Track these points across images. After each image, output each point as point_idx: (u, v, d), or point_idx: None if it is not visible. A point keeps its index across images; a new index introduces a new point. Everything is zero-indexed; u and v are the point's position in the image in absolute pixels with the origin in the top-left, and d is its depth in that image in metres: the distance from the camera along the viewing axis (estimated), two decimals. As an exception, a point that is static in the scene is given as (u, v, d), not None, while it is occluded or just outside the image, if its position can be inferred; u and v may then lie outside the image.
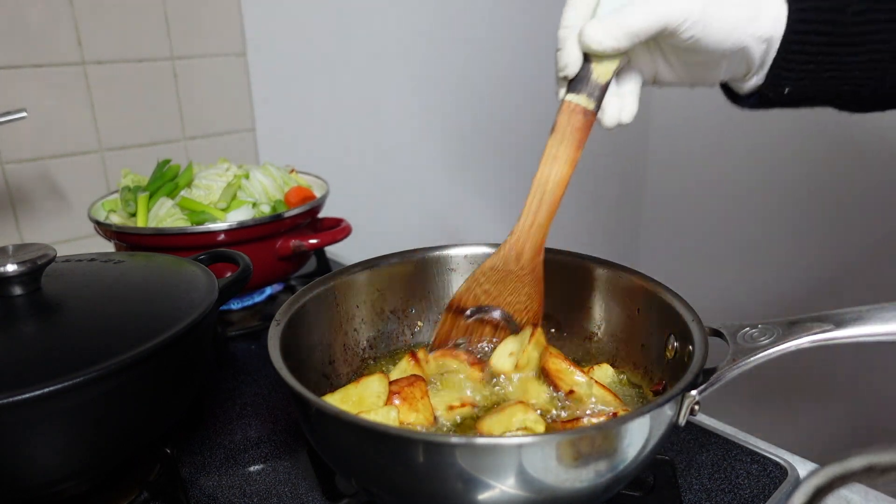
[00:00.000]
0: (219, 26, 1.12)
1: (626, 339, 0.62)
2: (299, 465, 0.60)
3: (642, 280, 0.59)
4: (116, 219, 0.88)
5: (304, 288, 0.59)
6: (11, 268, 0.51)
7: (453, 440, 0.39)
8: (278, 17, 1.19)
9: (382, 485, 0.45)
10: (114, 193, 0.93)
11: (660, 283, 0.58)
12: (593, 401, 0.54)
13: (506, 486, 0.40)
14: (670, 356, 0.55)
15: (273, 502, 0.56)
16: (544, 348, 0.58)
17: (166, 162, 0.93)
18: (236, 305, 0.93)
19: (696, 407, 0.46)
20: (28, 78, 0.96)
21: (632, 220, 2.18)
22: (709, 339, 0.49)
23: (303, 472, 0.59)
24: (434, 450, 0.40)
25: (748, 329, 0.49)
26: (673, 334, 0.54)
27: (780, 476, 0.56)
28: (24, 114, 0.76)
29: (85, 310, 0.53)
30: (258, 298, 0.94)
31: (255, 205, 0.89)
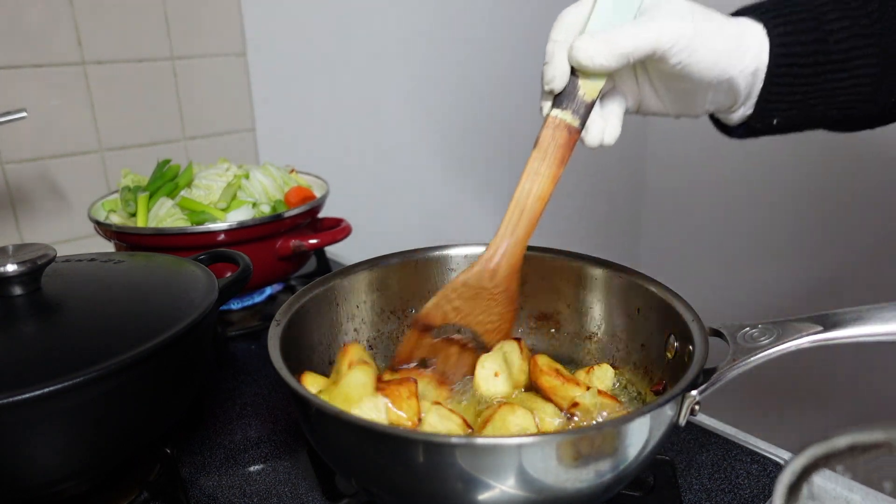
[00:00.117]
0: (219, 26, 1.12)
1: (626, 339, 0.61)
2: (299, 465, 0.60)
3: (642, 280, 0.59)
4: (116, 219, 0.88)
5: (304, 288, 0.59)
6: (11, 268, 0.51)
7: (453, 440, 0.39)
8: (278, 17, 1.19)
9: (382, 485, 0.45)
10: (114, 193, 0.93)
11: (660, 282, 0.58)
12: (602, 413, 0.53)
13: (506, 486, 0.40)
14: (670, 356, 0.55)
15: (273, 502, 0.56)
16: (531, 359, 0.57)
17: (166, 162, 0.93)
18: (236, 305, 0.93)
19: (697, 407, 0.46)
20: (28, 78, 0.96)
21: (632, 220, 2.17)
22: (709, 339, 0.49)
23: (303, 472, 0.59)
24: (434, 450, 0.40)
25: (748, 329, 0.49)
26: (673, 334, 0.54)
27: (780, 476, 0.56)
28: (24, 114, 0.76)
29: (85, 310, 0.53)
30: (258, 298, 0.94)
31: (255, 205, 0.89)
